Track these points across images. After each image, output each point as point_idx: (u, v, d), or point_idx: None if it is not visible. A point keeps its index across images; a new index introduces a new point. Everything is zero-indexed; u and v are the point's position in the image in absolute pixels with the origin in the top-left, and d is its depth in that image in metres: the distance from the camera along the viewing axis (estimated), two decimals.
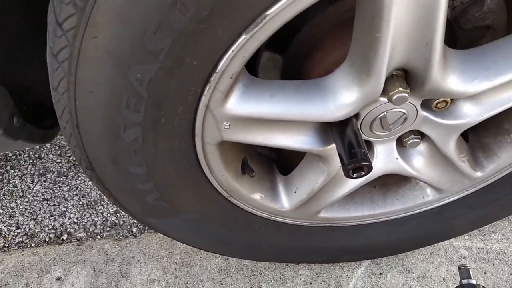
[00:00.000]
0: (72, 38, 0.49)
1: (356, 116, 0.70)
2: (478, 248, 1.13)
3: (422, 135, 0.78)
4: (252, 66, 0.80)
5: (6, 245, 1.24)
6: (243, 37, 0.52)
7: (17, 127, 0.74)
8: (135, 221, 1.29)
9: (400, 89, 0.63)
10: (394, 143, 0.79)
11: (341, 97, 0.65)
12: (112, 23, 0.47)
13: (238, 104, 0.63)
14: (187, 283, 1.15)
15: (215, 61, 0.54)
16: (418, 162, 0.83)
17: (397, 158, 0.81)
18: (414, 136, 0.77)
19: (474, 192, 0.93)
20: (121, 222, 1.29)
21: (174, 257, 1.20)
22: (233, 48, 0.53)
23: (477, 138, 0.89)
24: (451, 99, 0.70)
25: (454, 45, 0.73)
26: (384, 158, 0.80)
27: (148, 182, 0.70)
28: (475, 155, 0.88)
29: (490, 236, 1.15)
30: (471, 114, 0.72)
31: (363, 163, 0.61)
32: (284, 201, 0.90)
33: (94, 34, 0.48)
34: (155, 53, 0.50)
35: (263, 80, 0.67)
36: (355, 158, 0.62)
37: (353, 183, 0.85)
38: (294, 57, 0.78)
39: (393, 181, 0.97)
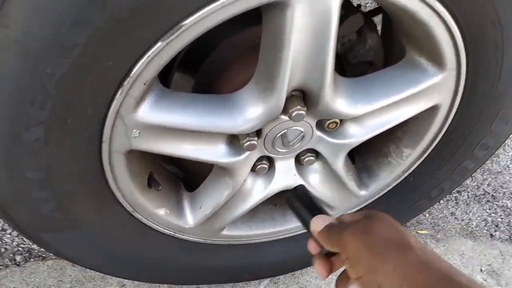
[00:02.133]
0: None
1: (260, 132, 0.76)
2: None
3: (317, 154, 0.87)
4: (165, 84, 0.82)
5: None
6: (159, 43, 0.55)
7: None
8: (23, 242, 1.16)
9: (299, 107, 0.71)
10: (293, 160, 0.87)
11: (247, 112, 0.71)
12: (27, 14, 0.46)
13: (150, 112, 0.65)
14: None
15: (131, 64, 0.56)
16: (314, 179, 0.92)
17: (295, 175, 0.88)
18: (310, 154, 0.86)
19: (359, 210, 1.05)
20: (3, 250, 1.15)
21: (63, 286, 1.10)
22: (149, 53, 0.56)
23: (361, 160, 1.01)
24: (340, 120, 0.80)
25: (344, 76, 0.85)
26: (283, 174, 0.87)
27: (46, 189, 0.66)
28: (360, 176, 1.00)
29: None
30: (357, 134, 0.83)
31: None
32: (189, 217, 0.91)
33: (5, 24, 0.47)
34: (69, 48, 0.50)
35: (176, 92, 0.70)
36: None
37: (254, 199, 0.90)
38: (205, 76, 0.82)
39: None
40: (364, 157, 1.01)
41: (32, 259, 1.15)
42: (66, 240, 0.79)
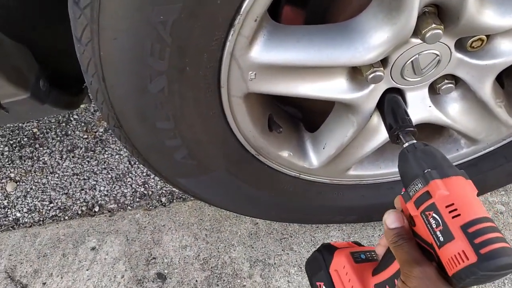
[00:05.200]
0: None
1: (386, 61, 0.67)
2: None
3: (456, 80, 0.75)
4: (275, 19, 0.77)
5: (41, 219, 1.28)
6: None
7: (44, 90, 0.75)
8: (164, 185, 1.30)
9: (434, 25, 0.60)
10: (427, 90, 0.76)
11: (370, 39, 0.62)
12: None
13: (263, 51, 0.62)
14: (218, 248, 1.16)
15: (239, 1, 0.52)
16: (453, 110, 0.80)
17: (430, 106, 0.77)
18: (447, 81, 0.74)
19: (511, 141, 0.89)
20: (150, 193, 1.31)
21: (204, 224, 1.21)
22: None
23: None
24: (487, 37, 0.66)
25: None
26: (416, 107, 0.77)
27: (176, 138, 0.69)
28: None
29: None
30: (509, 51, 0.68)
31: (408, 128, 0.62)
32: (313, 158, 0.88)
33: None
34: None
35: (288, 26, 0.64)
36: (401, 124, 0.64)
37: (382, 136, 0.83)
38: (317, 5, 0.75)
39: (425, 135, 0.94)
40: None
41: (174, 201, 1.28)
42: (199, 184, 0.84)
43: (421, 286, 0.45)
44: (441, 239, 0.44)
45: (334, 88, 0.70)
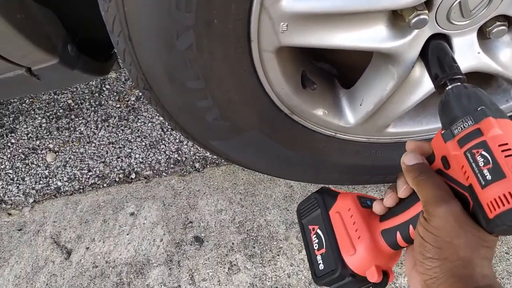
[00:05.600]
0: None
1: (430, 3, 0.61)
2: None
3: (509, 22, 0.68)
4: None
5: (81, 187, 1.32)
6: None
7: (72, 56, 0.74)
8: (198, 151, 1.30)
9: None
10: (475, 34, 0.69)
11: None
12: None
13: None
14: (253, 211, 1.15)
15: None
16: (505, 56, 0.73)
17: (479, 53, 0.71)
18: (499, 23, 0.67)
19: None
20: (184, 159, 1.31)
21: (238, 188, 1.21)
22: None
23: None
24: None
25: None
26: (463, 54, 0.71)
27: (207, 98, 0.67)
28: None
29: None
30: None
31: (456, 76, 0.57)
32: (349, 116, 0.84)
33: None
34: None
35: None
36: (449, 72, 0.58)
37: (424, 89, 0.77)
38: None
39: None
40: None
41: (208, 166, 1.28)
42: (232, 146, 0.82)
43: (446, 227, 0.42)
44: (488, 177, 0.41)
45: (373, 36, 0.65)
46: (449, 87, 0.55)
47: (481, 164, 0.42)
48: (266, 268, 1.06)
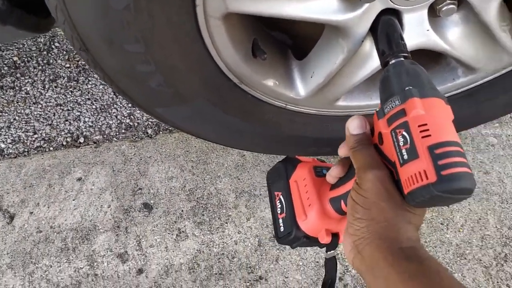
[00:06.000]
0: None
1: None
2: (508, 135, 1.06)
3: (459, 1, 0.68)
4: None
5: (26, 150, 1.25)
6: None
7: (4, 9, 0.67)
8: (151, 117, 1.26)
9: None
10: (426, 11, 0.69)
11: None
12: None
13: None
14: (204, 179, 1.15)
15: None
16: (453, 34, 0.73)
17: (428, 30, 0.71)
18: (449, 1, 0.67)
19: (510, 71, 0.84)
20: (136, 124, 1.27)
21: (190, 155, 1.19)
22: None
23: None
24: None
25: None
26: (413, 31, 0.71)
27: (149, 63, 0.64)
28: None
29: None
30: None
31: (401, 54, 0.57)
32: (300, 87, 0.83)
33: None
34: None
35: None
36: (395, 49, 0.59)
37: (375, 64, 0.77)
38: None
39: (421, 63, 0.88)
40: None
41: (161, 132, 1.25)
42: (179, 114, 0.80)
43: (373, 189, 0.45)
44: (405, 157, 0.44)
45: (323, 7, 0.63)
46: (390, 63, 0.56)
47: (401, 144, 0.44)
48: (214, 235, 1.07)
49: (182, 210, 1.11)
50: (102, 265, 1.05)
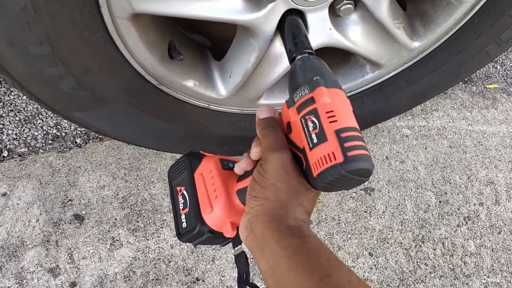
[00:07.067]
0: None
1: None
2: (420, 126, 1.15)
3: (355, 2, 0.74)
4: None
5: None
6: None
7: None
8: (76, 129, 1.23)
9: None
10: (327, 11, 0.74)
11: None
12: None
13: None
14: (137, 185, 1.14)
15: None
16: (354, 33, 0.79)
17: (330, 29, 0.77)
18: (346, 1, 0.73)
19: (412, 65, 0.92)
20: (63, 134, 1.24)
21: (122, 162, 1.18)
22: None
23: (414, 5, 0.85)
24: None
25: None
26: (317, 30, 0.76)
27: (57, 65, 0.63)
28: (413, 24, 0.85)
29: (432, 114, 1.17)
30: None
31: (305, 50, 0.61)
32: (221, 88, 0.86)
33: None
34: None
35: None
36: (300, 46, 0.62)
37: (287, 63, 0.82)
38: None
39: (333, 62, 0.94)
40: (418, 1, 0.84)
41: (90, 141, 1.23)
42: (99, 117, 0.79)
43: (273, 170, 0.47)
44: (315, 140, 0.46)
45: (228, 7, 0.67)
46: (297, 58, 0.60)
47: (311, 129, 0.47)
48: (150, 241, 1.06)
49: (116, 219, 1.09)
50: (32, 282, 1.01)
